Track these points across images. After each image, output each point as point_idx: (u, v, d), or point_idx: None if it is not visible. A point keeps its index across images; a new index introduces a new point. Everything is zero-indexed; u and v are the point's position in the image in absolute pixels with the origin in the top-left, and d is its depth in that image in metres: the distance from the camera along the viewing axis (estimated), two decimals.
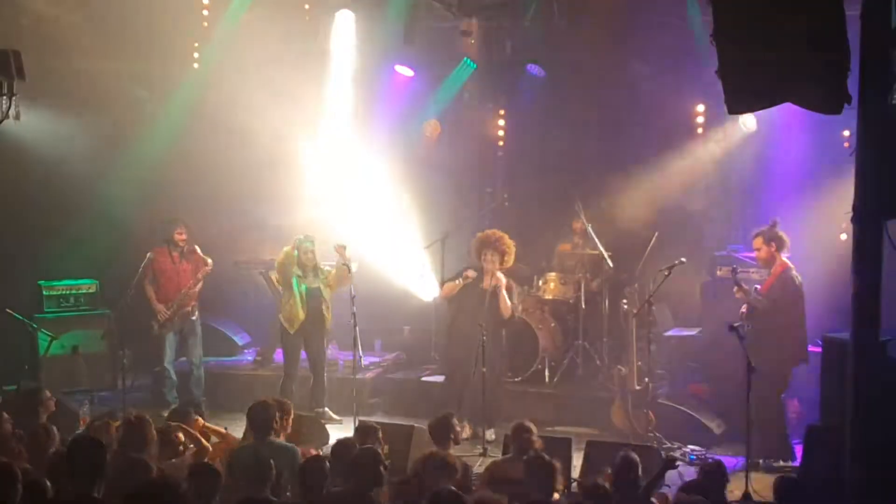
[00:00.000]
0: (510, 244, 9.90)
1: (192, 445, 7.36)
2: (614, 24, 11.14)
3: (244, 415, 7.45)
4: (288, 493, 6.36)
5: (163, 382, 10.80)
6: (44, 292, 11.33)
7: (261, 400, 7.31)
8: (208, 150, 12.32)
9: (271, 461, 6.08)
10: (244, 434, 7.85)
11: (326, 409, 10.33)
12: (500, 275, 9.82)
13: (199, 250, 10.76)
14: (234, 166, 12.54)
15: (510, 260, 9.95)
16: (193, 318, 10.75)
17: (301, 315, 10.27)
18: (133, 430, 6.78)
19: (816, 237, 10.52)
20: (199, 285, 10.77)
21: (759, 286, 9.14)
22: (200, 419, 7.92)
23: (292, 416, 7.70)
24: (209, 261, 10.74)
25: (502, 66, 12.28)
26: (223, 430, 8.01)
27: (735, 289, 9.01)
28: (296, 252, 10.29)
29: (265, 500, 5.84)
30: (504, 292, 9.79)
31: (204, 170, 12.24)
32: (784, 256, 9.12)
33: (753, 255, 9.40)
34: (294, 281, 10.29)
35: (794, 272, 9.06)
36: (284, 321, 10.36)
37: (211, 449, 7.46)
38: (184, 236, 10.71)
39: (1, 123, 7.33)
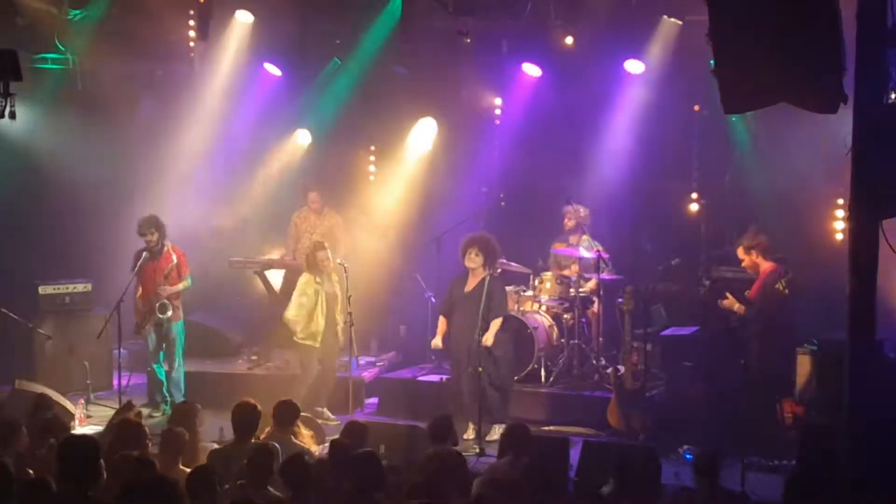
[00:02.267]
0: (493, 244, 9.85)
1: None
2: (611, 22, 11.15)
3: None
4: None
5: (151, 382, 10.79)
6: (40, 292, 11.33)
7: (244, 401, 7.31)
8: (205, 151, 12.33)
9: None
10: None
11: (325, 409, 10.33)
12: (490, 336, 9.68)
13: (168, 247, 10.55)
14: (231, 166, 12.56)
15: (493, 263, 9.87)
16: (166, 315, 10.47)
17: (322, 327, 10.26)
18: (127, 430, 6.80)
19: (812, 236, 10.54)
20: (179, 284, 10.51)
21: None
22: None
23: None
24: (174, 257, 10.50)
25: (498, 65, 12.27)
26: None
27: (720, 301, 9.01)
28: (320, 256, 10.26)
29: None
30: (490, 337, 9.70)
31: (201, 169, 12.25)
32: (769, 258, 9.13)
33: None
34: (313, 292, 10.23)
35: (781, 271, 9.07)
36: (307, 339, 10.25)
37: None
38: (151, 237, 10.40)
39: None
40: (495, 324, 9.73)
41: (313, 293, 10.22)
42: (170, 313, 10.49)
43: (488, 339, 9.66)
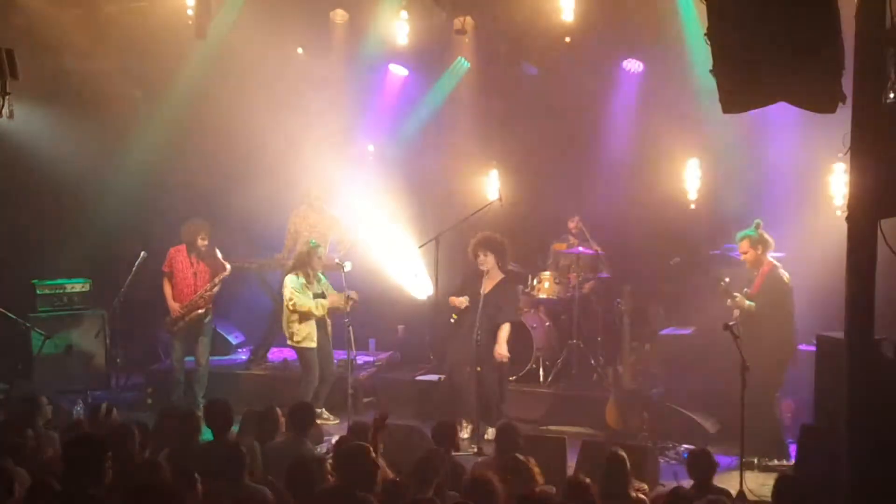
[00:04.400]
0: (502, 243, 9.84)
1: None
2: (608, 22, 11.14)
3: (237, 413, 7.48)
4: None
5: (170, 382, 10.80)
6: (37, 291, 11.30)
7: (218, 399, 7.39)
8: (203, 150, 12.32)
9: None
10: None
11: (324, 409, 10.32)
12: (503, 351, 9.71)
13: (219, 254, 10.72)
14: (228, 166, 12.54)
15: (505, 260, 9.87)
16: (206, 320, 10.73)
17: (315, 328, 10.22)
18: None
19: (811, 236, 10.53)
20: (216, 289, 10.72)
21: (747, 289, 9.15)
22: None
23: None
24: (228, 266, 10.71)
25: (496, 65, 12.27)
26: None
27: (728, 301, 9.00)
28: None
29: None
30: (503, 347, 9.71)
31: (198, 169, 12.24)
32: (771, 256, 9.15)
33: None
34: (304, 295, 10.16)
35: (781, 270, 9.09)
36: (303, 341, 10.22)
37: None
38: (206, 241, 10.66)
39: None
40: (505, 329, 9.70)
41: (305, 293, 10.17)
42: (210, 317, 10.73)
43: (501, 350, 9.63)
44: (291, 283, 10.24)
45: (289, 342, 10.39)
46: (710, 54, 5.81)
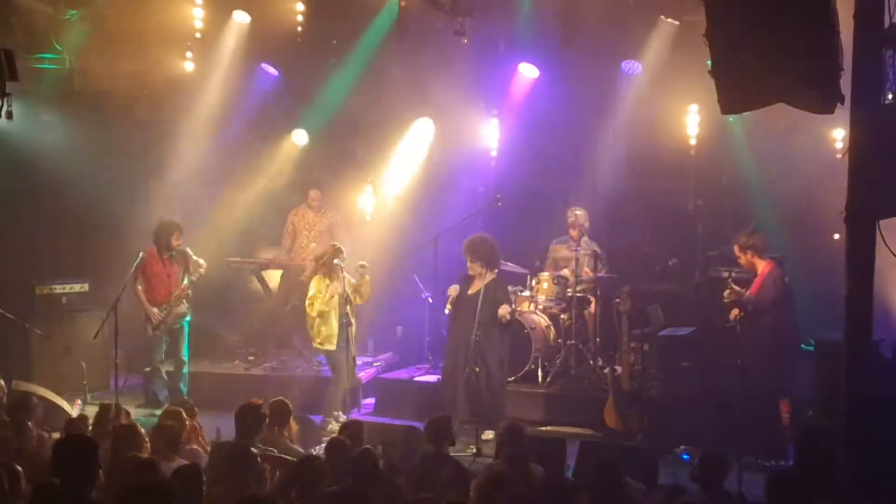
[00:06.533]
0: (482, 247, 9.82)
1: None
2: (608, 23, 11.15)
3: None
4: None
5: (154, 382, 10.78)
6: (36, 292, 11.31)
7: (250, 401, 7.31)
8: (202, 149, 12.32)
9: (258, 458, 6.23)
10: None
11: (340, 412, 10.22)
12: (505, 310, 9.73)
13: (190, 252, 10.68)
14: (228, 165, 12.55)
15: (493, 263, 9.87)
16: (185, 319, 10.69)
17: (336, 330, 10.09)
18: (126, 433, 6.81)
19: (809, 237, 10.54)
20: (191, 286, 10.67)
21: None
22: (189, 420, 7.85)
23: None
24: (203, 262, 10.67)
25: (495, 66, 12.27)
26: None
27: (727, 291, 9.01)
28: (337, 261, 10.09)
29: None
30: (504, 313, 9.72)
31: (197, 168, 12.24)
32: (766, 258, 9.15)
33: None
34: (329, 295, 10.03)
35: (779, 270, 9.09)
36: (323, 343, 10.08)
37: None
38: (180, 241, 10.60)
39: None
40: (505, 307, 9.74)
41: (329, 297, 10.04)
42: (188, 315, 10.65)
43: (503, 313, 9.63)
44: (316, 285, 10.08)
45: (313, 344, 10.34)
46: (710, 55, 5.82)
